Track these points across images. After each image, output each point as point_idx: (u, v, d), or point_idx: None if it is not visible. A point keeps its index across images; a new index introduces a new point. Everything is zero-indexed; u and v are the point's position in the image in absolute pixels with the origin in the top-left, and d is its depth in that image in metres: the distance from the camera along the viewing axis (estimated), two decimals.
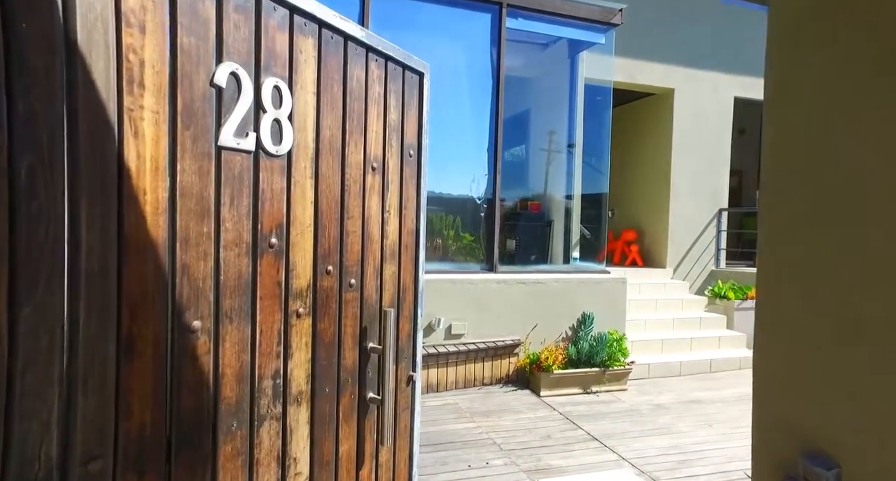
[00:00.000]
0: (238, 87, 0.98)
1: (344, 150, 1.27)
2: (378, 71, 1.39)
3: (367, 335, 1.39)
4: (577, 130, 6.06)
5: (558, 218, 6.17)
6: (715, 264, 7.43)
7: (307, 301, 1.17)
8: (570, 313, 5.16)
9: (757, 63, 7.41)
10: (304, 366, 1.17)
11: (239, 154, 0.98)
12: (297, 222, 1.12)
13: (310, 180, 1.16)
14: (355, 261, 1.32)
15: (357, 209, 1.32)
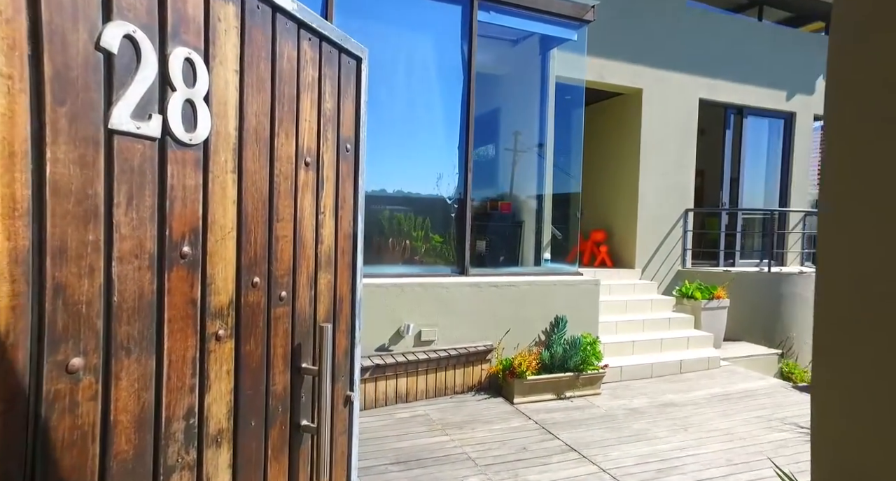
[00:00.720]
0: (136, 54, 0.74)
1: (273, 142, 1.06)
2: (311, 52, 1.18)
3: (301, 354, 1.19)
4: (548, 129, 5.94)
5: (529, 218, 6.03)
6: (681, 264, 7.47)
7: (229, 320, 0.94)
8: (544, 316, 5.01)
9: (720, 65, 7.50)
10: (225, 399, 0.94)
11: (139, 141, 0.74)
12: (215, 226, 0.89)
13: (232, 176, 0.93)
14: (286, 270, 1.12)
15: (288, 210, 1.12)
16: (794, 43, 8.18)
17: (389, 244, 4.92)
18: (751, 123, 7.98)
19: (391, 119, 5.00)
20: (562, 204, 6.45)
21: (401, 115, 5.08)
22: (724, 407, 4.52)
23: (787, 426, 4.13)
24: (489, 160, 6.78)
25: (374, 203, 5.00)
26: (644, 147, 7.17)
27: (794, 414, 4.41)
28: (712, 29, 7.51)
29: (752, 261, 7.96)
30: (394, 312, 4.43)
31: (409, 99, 5.12)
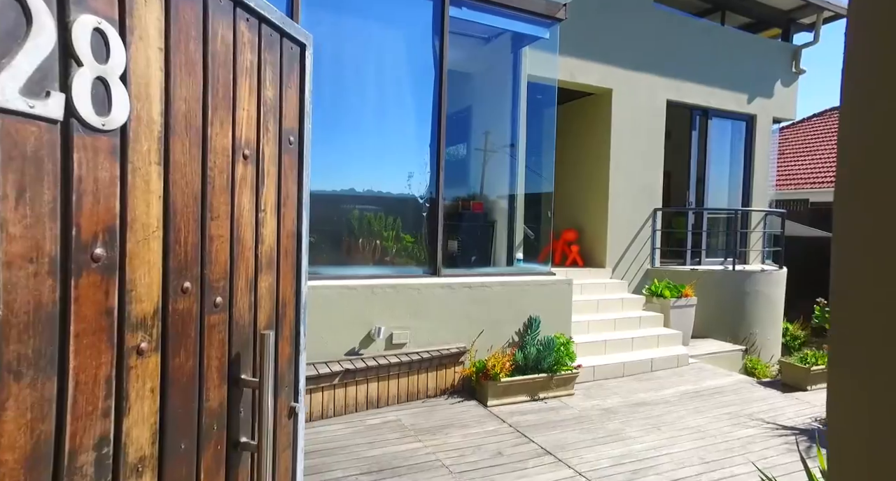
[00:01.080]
0: (27, 17, 0.61)
1: (206, 131, 0.94)
2: (250, 34, 1.06)
3: (240, 365, 1.08)
4: (520, 128, 5.89)
5: (501, 218, 5.97)
6: (650, 263, 7.56)
7: (154, 331, 0.81)
8: (517, 317, 4.95)
9: (687, 67, 7.63)
10: (149, 421, 0.81)
11: (33, 123, 0.61)
12: (137, 225, 0.76)
13: (157, 167, 0.81)
14: (222, 273, 1.00)
15: (224, 207, 1.01)
16: (755, 48, 8.42)
17: (360, 245, 4.77)
18: (715, 125, 8.16)
19: (361, 116, 4.85)
20: (534, 203, 6.42)
21: (371, 112, 4.93)
22: (694, 404, 4.55)
23: (754, 422, 4.18)
24: (461, 159, 6.69)
25: (344, 202, 4.84)
26: (614, 147, 7.22)
27: (760, 409, 4.48)
28: (678, 31, 7.64)
29: (716, 260, 8.13)
30: (364, 315, 4.28)
31: (380, 95, 4.98)
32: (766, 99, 8.48)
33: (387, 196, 5.00)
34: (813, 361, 5.10)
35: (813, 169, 15.73)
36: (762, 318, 7.35)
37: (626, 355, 5.63)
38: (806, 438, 3.88)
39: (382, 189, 5.02)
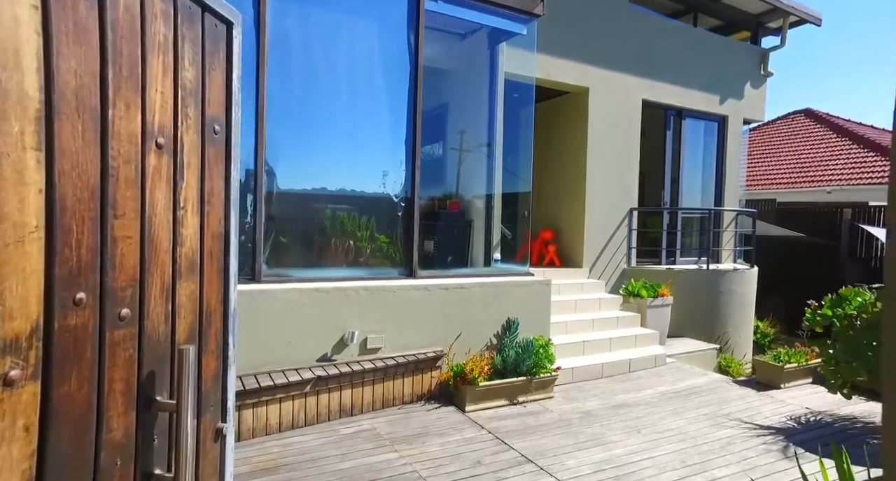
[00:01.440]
0: None
1: (106, 113, 0.79)
2: (163, 4, 0.91)
3: (153, 385, 0.93)
4: (497, 127, 5.78)
5: (478, 217, 5.85)
6: (627, 263, 7.57)
7: (31, 355, 0.66)
8: (495, 319, 4.84)
9: (661, 68, 7.67)
10: (19, 468, 0.65)
11: None
12: (6, 224, 0.60)
13: (34, 154, 0.66)
14: (129, 280, 0.85)
15: (132, 203, 0.86)
16: (726, 50, 8.54)
17: (332, 245, 4.58)
18: (689, 125, 8.24)
19: (334, 112, 4.66)
20: (511, 203, 6.33)
21: (345, 109, 4.74)
22: (673, 405, 4.53)
23: (732, 422, 4.17)
24: (437, 158, 6.56)
25: (315, 201, 4.64)
26: (591, 146, 7.20)
27: (738, 409, 4.48)
28: (653, 32, 7.67)
29: (690, 259, 8.21)
30: (337, 319, 4.10)
31: (353, 92, 4.79)
32: (736, 100, 8.61)
33: (360, 195, 4.82)
34: (786, 359, 5.15)
35: (778, 170, 16.18)
36: (735, 317, 7.45)
37: (605, 356, 5.60)
38: (783, 438, 3.89)
39: (356, 188, 4.84)
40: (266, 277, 3.99)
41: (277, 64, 4.09)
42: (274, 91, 4.04)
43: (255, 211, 3.94)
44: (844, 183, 13.88)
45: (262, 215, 3.96)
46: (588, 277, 7.18)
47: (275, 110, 4.06)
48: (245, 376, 3.62)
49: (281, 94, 4.17)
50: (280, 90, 4.15)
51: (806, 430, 4.06)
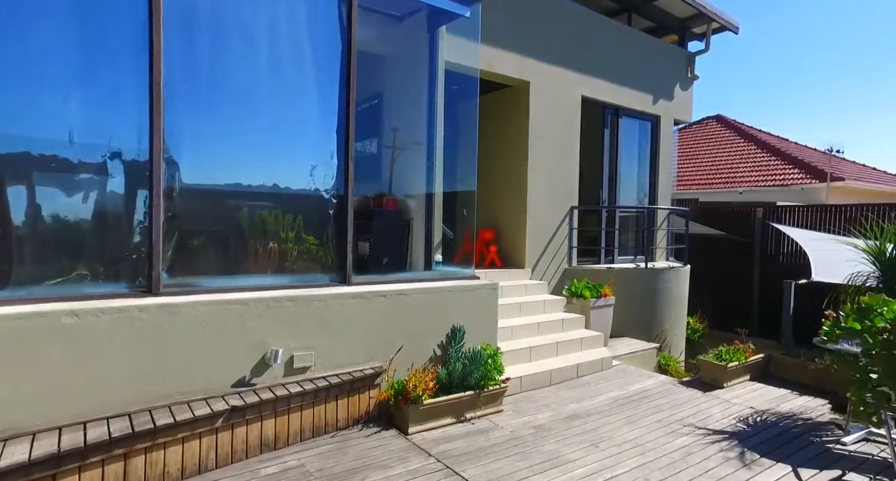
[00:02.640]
0: None
1: None
2: None
3: None
4: (437, 119, 5.34)
5: (418, 216, 5.39)
6: (568, 262, 7.44)
7: None
8: (439, 328, 4.41)
9: (599, 65, 7.61)
10: None
11: None
12: None
13: None
14: None
15: None
16: (658, 51, 8.68)
17: (252, 249, 3.92)
18: (625, 124, 8.27)
19: (252, 97, 4.00)
20: (453, 201, 5.94)
21: (265, 93, 4.09)
22: (626, 412, 4.33)
23: (686, 428, 4.03)
24: (373, 152, 6.02)
25: (231, 198, 3.96)
26: (532, 143, 6.97)
27: (689, 413, 4.36)
28: (592, 28, 7.59)
29: (627, 258, 8.26)
30: (257, 335, 3.47)
31: (275, 74, 4.14)
32: (667, 101, 8.78)
33: (285, 191, 4.19)
34: (729, 358, 5.16)
35: (697, 171, 17.12)
36: (671, 315, 7.54)
37: (553, 361, 5.34)
38: (738, 443, 3.78)
39: (280, 183, 4.20)
40: (167, 288, 3.29)
41: (180, 27, 3.38)
42: (175, 61, 3.34)
43: (150, 208, 3.22)
44: (753, 184, 14.89)
45: (159, 213, 3.25)
46: (531, 278, 6.95)
47: (177, 85, 3.35)
48: (137, 413, 2.92)
49: (185, 67, 3.46)
50: (184, 62, 3.45)
51: (756, 432, 3.99)
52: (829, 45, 57.37)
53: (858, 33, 55.08)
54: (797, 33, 59.35)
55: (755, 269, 10.93)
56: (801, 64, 58.66)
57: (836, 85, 57.05)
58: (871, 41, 54.26)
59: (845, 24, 56.39)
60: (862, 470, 3.45)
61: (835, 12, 57.26)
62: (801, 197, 13.57)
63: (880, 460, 3.61)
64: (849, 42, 56.15)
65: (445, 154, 5.41)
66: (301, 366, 3.64)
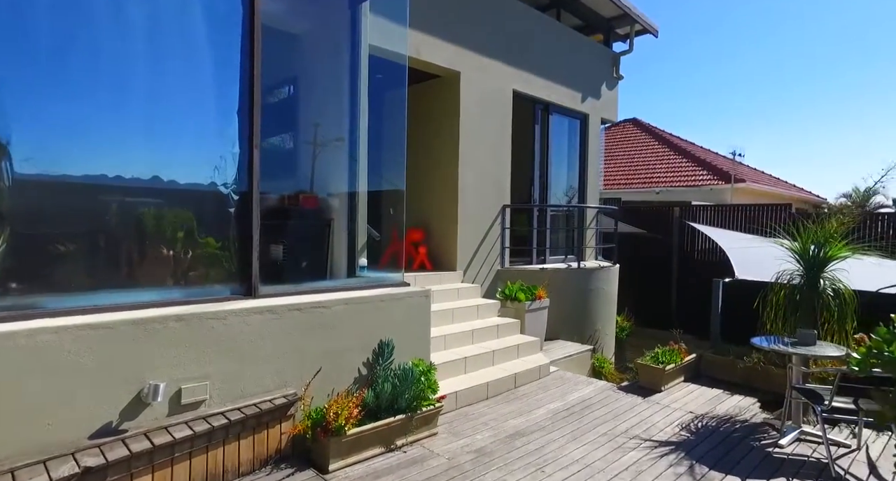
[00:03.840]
0: None
1: None
2: None
3: None
4: (360, 109, 4.77)
5: (340, 216, 4.78)
6: (500, 263, 7.14)
7: None
8: (365, 344, 3.85)
9: (531, 59, 7.38)
10: None
11: None
12: None
13: None
14: None
15: None
16: (586, 49, 8.64)
17: (122, 258, 3.15)
18: (555, 121, 8.13)
19: (130, 72, 3.20)
20: (378, 199, 5.39)
21: (145, 68, 3.30)
22: (570, 427, 4.02)
23: (632, 442, 3.79)
24: (286, 143, 5.32)
25: (102, 194, 3.15)
26: (464, 138, 6.57)
27: (632, 423, 4.15)
28: (524, 21, 7.34)
29: (558, 258, 8.13)
30: (130, 367, 2.74)
31: (157, 45, 3.36)
32: (595, 100, 8.78)
33: (170, 186, 3.43)
34: (666, 360, 5.06)
35: (618, 172, 17.75)
36: (603, 315, 7.48)
37: (489, 372, 4.97)
38: (685, 454, 3.58)
39: (163, 175, 3.44)
40: None
41: None
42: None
43: None
44: (669, 184, 15.64)
45: None
46: (463, 281, 6.56)
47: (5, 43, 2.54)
48: None
49: (21, 21, 2.64)
50: (18, 13, 2.63)
51: (700, 441, 3.84)
52: (735, 59, 63.16)
53: (755, 49, 61.21)
54: (704, 45, 64.79)
55: (673, 266, 11.36)
56: (708, 73, 64.10)
57: (738, 94, 63.02)
58: (764, 57, 60.50)
59: (745, 40, 62.53)
60: (802, 475, 3.36)
61: (738, 28, 63.26)
62: (710, 196, 14.41)
63: (815, 461, 3.57)
64: (750, 58, 62.20)
65: (371, 148, 4.84)
66: (192, 401, 2.94)
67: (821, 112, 58.37)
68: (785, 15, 59.51)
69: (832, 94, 58.57)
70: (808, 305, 4.20)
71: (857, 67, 58.08)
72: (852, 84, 57.45)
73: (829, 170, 50.44)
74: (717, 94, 64.94)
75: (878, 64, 56.39)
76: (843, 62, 58.54)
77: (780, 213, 10.35)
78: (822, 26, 58.47)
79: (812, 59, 59.43)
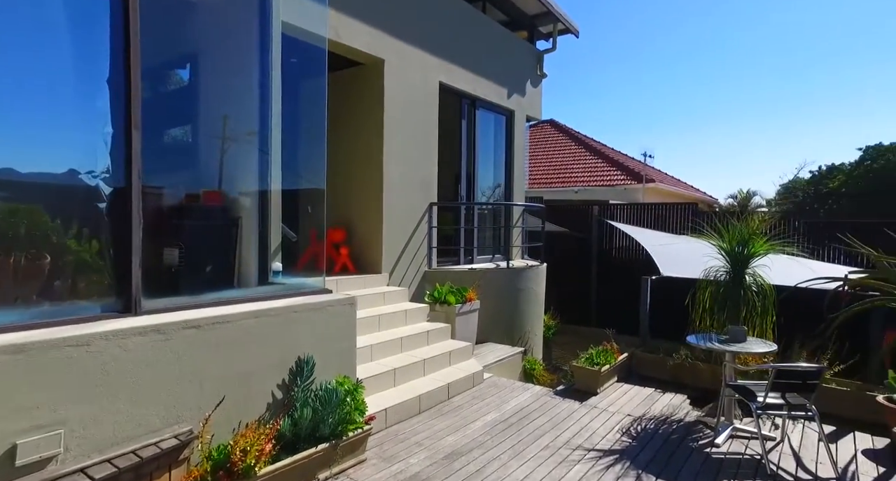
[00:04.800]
0: None
1: None
2: None
3: None
4: (272, 94, 4.17)
5: (250, 215, 4.15)
6: (428, 264, 6.77)
7: None
8: (280, 363, 3.30)
9: (458, 50, 7.07)
10: None
11: None
12: None
13: None
14: None
15: None
16: (512, 44, 8.52)
17: None
18: (481, 116, 7.91)
19: None
20: (295, 195, 4.81)
21: None
22: (511, 440, 3.74)
23: (575, 454, 3.58)
24: (186, 132, 4.58)
25: None
26: (388, 131, 6.11)
27: (573, 432, 3.96)
28: (449, 10, 7.01)
29: (486, 257, 7.93)
30: None
31: None
32: (520, 96, 8.68)
33: (20, 177, 2.68)
34: (601, 362, 4.96)
35: (538, 171, 18.11)
36: (531, 314, 7.38)
37: (420, 383, 4.57)
38: (630, 464, 3.43)
39: (26, 167, 2.67)
40: None
41: None
42: None
43: None
44: (586, 184, 16.19)
45: None
46: (389, 284, 6.11)
47: None
48: None
49: None
50: None
51: (641, 446, 3.72)
52: (647, 65, 67.77)
53: (667, 57, 66.10)
54: (617, 50, 68.78)
55: (592, 263, 11.67)
56: (618, 76, 68.27)
57: (644, 97, 67.81)
58: (676, 64, 65.52)
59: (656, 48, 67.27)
60: (742, 475, 3.33)
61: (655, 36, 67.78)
62: (624, 196, 15.08)
63: (749, 458, 3.57)
64: (661, 65, 67.10)
65: (287, 139, 4.26)
66: (34, 460, 2.24)
67: (700, 115, 64.62)
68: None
69: (719, 98, 64.99)
70: (734, 301, 4.26)
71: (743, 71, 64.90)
72: (732, 88, 64.16)
73: (715, 170, 55.92)
74: (624, 94, 69.63)
75: (765, 76, 63.49)
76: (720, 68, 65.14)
77: (687, 212, 10.98)
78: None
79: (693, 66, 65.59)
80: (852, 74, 52.81)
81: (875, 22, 49.32)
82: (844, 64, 54.63)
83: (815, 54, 57.24)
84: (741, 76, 63.48)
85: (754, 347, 3.75)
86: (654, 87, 68.05)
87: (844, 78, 53.42)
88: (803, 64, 58.45)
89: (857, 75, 52.79)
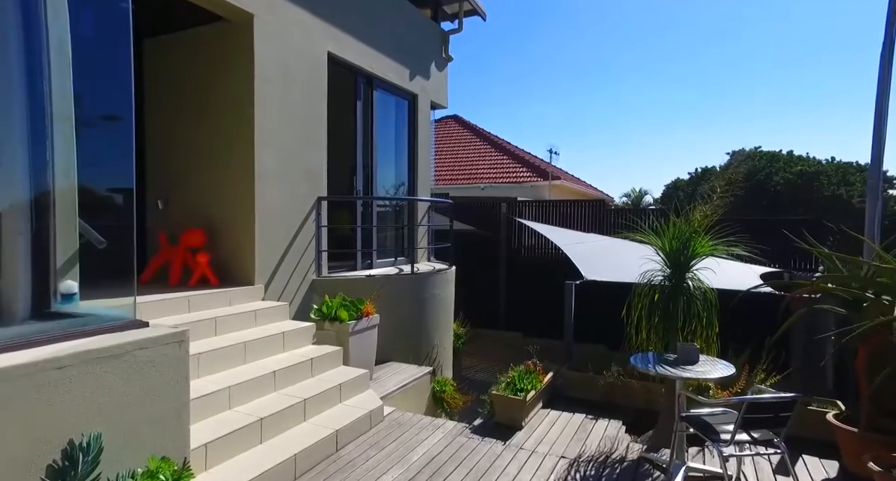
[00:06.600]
0: None
1: None
2: None
3: None
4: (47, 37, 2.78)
5: (18, 212, 2.72)
6: (317, 271, 5.58)
7: None
8: (39, 450, 2.00)
9: (350, 16, 5.93)
10: None
11: None
12: None
13: None
14: None
15: None
16: (414, 20, 7.53)
17: None
18: (380, 98, 6.83)
19: None
20: (109, 181, 3.42)
21: None
22: None
23: None
24: None
25: None
26: (261, 108, 4.82)
27: None
28: None
29: (387, 261, 6.89)
30: None
31: None
32: (424, 79, 7.74)
33: None
34: (526, 387, 4.14)
35: (443, 167, 17.39)
36: (440, 325, 6.47)
37: (299, 434, 3.42)
38: None
39: None
40: None
41: None
42: None
43: None
44: (493, 181, 15.76)
45: None
46: (264, 299, 4.84)
47: None
48: None
49: None
50: None
51: None
52: (560, 60, 70.58)
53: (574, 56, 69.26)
54: (522, 45, 70.92)
55: (501, 264, 11.12)
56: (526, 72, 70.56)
57: (553, 95, 70.76)
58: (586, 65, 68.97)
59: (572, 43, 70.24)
60: None
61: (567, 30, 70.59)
62: (531, 193, 14.84)
63: None
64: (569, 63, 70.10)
65: (81, 103, 2.90)
66: None
67: (596, 117, 69.09)
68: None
69: (613, 99, 69.87)
70: (675, 310, 3.66)
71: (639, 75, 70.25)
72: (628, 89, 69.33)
73: (608, 169, 59.89)
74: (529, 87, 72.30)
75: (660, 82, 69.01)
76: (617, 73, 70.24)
77: (596, 209, 10.82)
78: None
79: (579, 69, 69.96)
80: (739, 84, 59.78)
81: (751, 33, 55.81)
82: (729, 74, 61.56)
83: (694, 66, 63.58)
84: (636, 83, 68.66)
85: (711, 372, 3.11)
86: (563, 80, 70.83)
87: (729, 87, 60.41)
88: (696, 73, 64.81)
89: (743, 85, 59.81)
